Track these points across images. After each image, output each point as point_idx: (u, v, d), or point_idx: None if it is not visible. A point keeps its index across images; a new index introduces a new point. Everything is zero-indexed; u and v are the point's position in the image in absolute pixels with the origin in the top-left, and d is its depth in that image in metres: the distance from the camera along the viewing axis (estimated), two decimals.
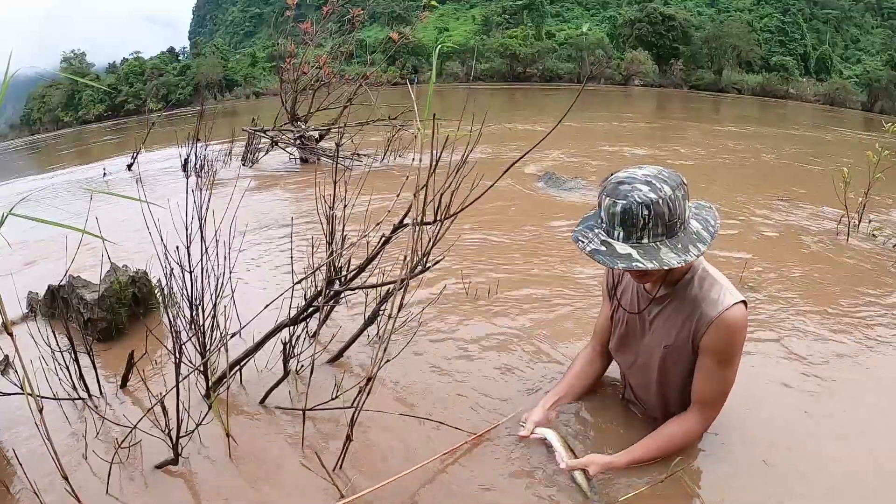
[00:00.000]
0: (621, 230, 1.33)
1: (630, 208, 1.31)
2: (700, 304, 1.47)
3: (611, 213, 1.34)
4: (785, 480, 1.62)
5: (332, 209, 2.05)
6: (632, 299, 1.68)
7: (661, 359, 1.59)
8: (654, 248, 1.32)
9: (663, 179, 1.34)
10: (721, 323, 1.43)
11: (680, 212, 1.35)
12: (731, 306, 1.43)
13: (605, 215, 1.35)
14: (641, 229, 1.31)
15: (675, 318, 1.53)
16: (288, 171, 6.88)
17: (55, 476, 1.37)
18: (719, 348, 1.46)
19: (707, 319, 1.45)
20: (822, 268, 3.38)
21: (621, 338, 1.74)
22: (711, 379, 1.51)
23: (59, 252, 1.87)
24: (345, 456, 1.62)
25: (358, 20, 6.97)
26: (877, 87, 34.45)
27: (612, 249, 1.33)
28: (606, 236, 1.36)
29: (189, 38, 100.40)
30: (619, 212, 1.32)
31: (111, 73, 51.65)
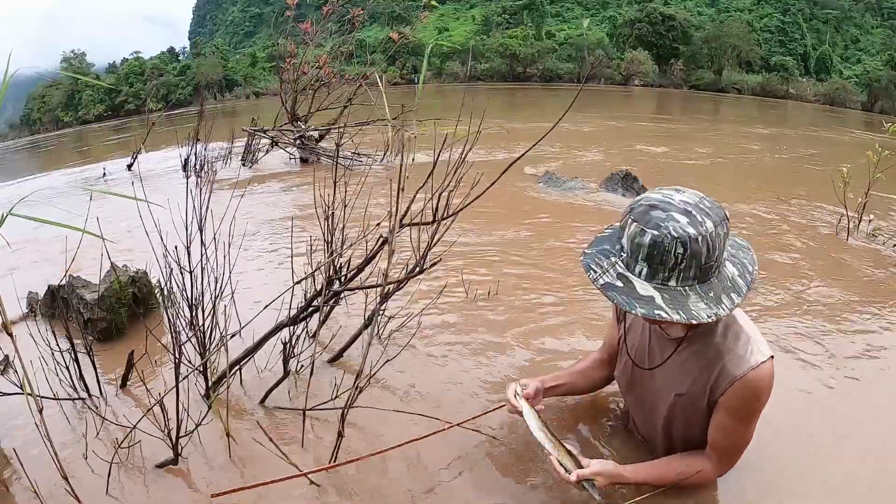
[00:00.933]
0: (645, 266, 1.10)
1: (661, 242, 1.07)
2: (723, 357, 1.25)
3: (636, 242, 1.10)
4: (785, 480, 1.61)
5: (332, 209, 2.05)
6: (642, 336, 1.48)
7: (669, 406, 1.40)
8: (682, 295, 1.10)
9: (705, 211, 1.10)
10: (746, 384, 1.22)
11: (718, 253, 1.12)
12: (759, 365, 1.22)
13: (629, 244, 1.12)
14: (671, 269, 1.09)
15: (692, 366, 1.32)
16: (288, 171, 6.88)
17: (55, 476, 1.37)
18: (739, 410, 1.27)
19: (729, 377, 1.23)
20: (821, 268, 3.38)
21: (626, 373, 1.56)
22: (729, 434, 1.34)
23: (59, 252, 1.87)
24: (338, 451, 1.62)
25: (358, 20, 6.97)
26: (877, 87, 34.49)
27: (630, 287, 1.11)
28: (626, 269, 1.13)
29: (189, 38, 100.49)
30: (646, 243, 1.08)
31: (111, 73, 51.71)
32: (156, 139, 8.98)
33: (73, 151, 15.91)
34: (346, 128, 6.09)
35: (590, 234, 4.36)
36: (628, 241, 1.12)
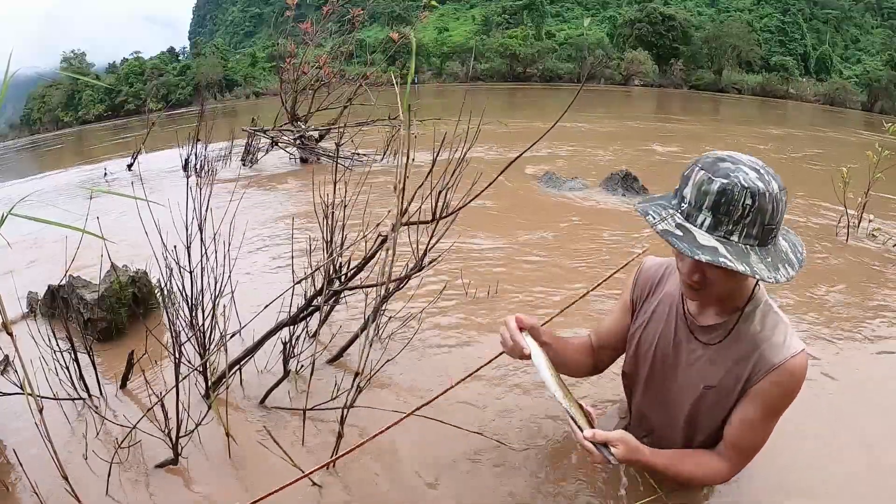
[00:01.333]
0: (710, 216, 1.04)
1: (731, 191, 1.02)
2: (760, 346, 1.21)
3: (702, 190, 1.04)
4: (788, 480, 1.62)
5: (332, 209, 2.05)
6: (666, 328, 1.38)
7: (696, 400, 1.32)
8: (744, 252, 1.04)
9: (771, 174, 1.07)
10: (783, 372, 1.18)
11: (779, 217, 1.08)
12: (797, 354, 1.19)
13: (694, 192, 1.05)
14: (735, 222, 1.03)
15: (726, 357, 1.26)
16: (288, 171, 6.88)
17: (55, 476, 1.37)
18: (772, 399, 1.21)
19: (767, 365, 1.19)
20: (821, 267, 3.38)
21: (642, 367, 1.46)
22: (753, 429, 1.26)
23: (60, 252, 1.87)
24: (337, 451, 1.62)
25: (358, 20, 6.97)
26: (877, 87, 34.49)
27: (690, 237, 1.04)
28: (685, 220, 1.07)
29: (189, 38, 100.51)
30: (714, 191, 1.02)
31: (111, 73, 51.73)
32: (156, 139, 8.98)
33: (73, 152, 15.92)
34: (345, 128, 6.09)
35: (589, 235, 4.38)
36: (693, 189, 1.06)
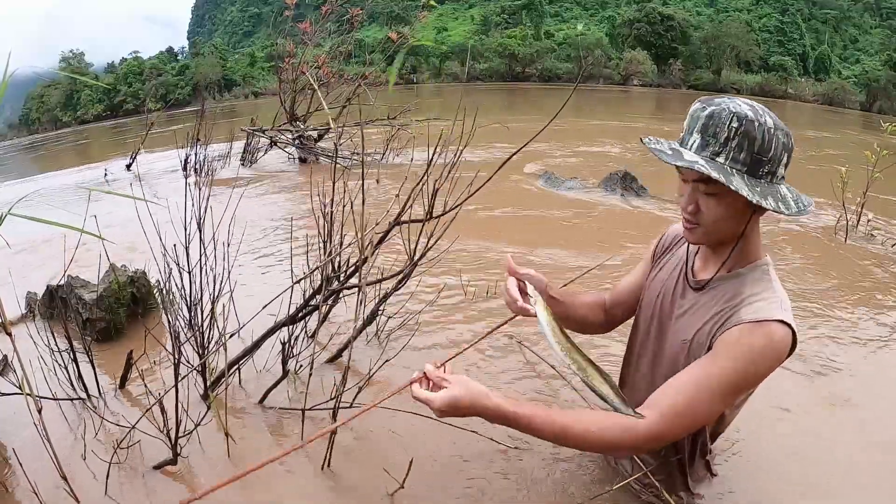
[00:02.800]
0: (698, 138, 1.10)
1: (719, 114, 1.07)
2: (740, 305, 1.15)
3: (694, 116, 1.12)
4: (783, 477, 1.62)
5: (331, 208, 2.05)
6: (669, 279, 1.37)
7: (674, 355, 1.27)
8: (727, 171, 1.06)
9: (769, 113, 1.10)
10: (754, 329, 1.09)
11: (772, 155, 1.08)
12: (775, 322, 1.09)
13: (687, 121, 1.14)
14: (722, 144, 1.07)
15: (706, 311, 1.21)
16: (287, 171, 6.88)
17: (54, 476, 1.37)
18: (730, 355, 1.09)
19: (736, 319, 1.12)
20: (821, 267, 3.39)
21: (647, 321, 1.42)
22: (696, 384, 1.10)
23: (58, 252, 1.87)
24: (332, 447, 1.63)
25: (357, 20, 6.97)
26: (875, 87, 34.59)
27: (678, 154, 1.11)
28: (679, 145, 1.15)
29: (188, 37, 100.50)
30: (703, 115, 1.10)
31: (110, 72, 51.69)
32: (155, 139, 8.97)
33: (72, 152, 15.90)
34: (344, 128, 6.09)
35: (589, 235, 4.38)
36: (688, 118, 1.14)
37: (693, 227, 1.19)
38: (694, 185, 1.13)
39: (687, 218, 1.18)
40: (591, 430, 1.10)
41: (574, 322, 1.53)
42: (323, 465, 1.63)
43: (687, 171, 1.12)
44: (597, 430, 1.10)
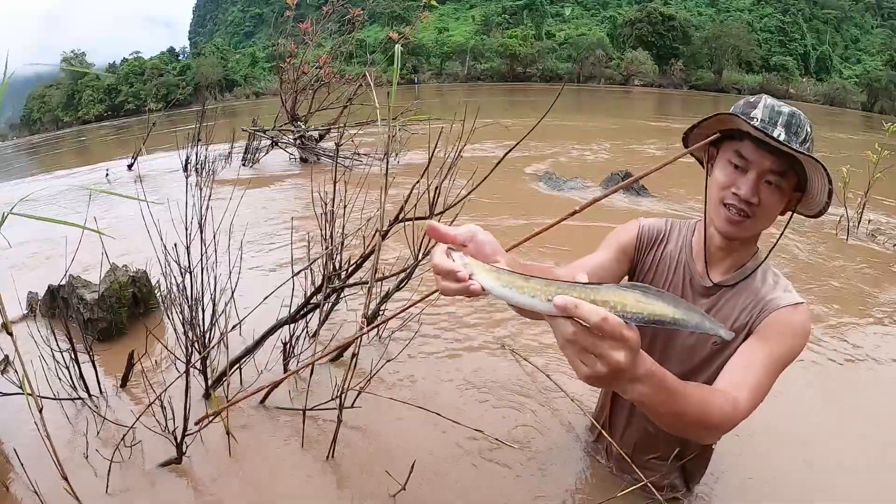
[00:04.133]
0: (783, 131, 1.09)
1: (798, 115, 1.11)
2: (765, 296, 1.21)
3: (776, 111, 1.11)
4: (782, 476, 1.62)
5: (332, 208, 2.05)
6: (674, 279, 1.34)
7: (705, 357, 1.27)
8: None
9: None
10: (786, 313, 1.16)
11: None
12: (801, 304, 1.18)
13: (767, 112, 1.11)
14: (802, 142, 1.10)
15: (731, 310, 1.23)
16: (288, 171, 6.88)
17: (55, 476, 1.37)
18: (775, 338, 1.14)
19: (771, 307, 1.18)
20: (821, 267, 3.38)
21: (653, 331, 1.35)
22: (754, 366, 1.09)
23: (59, 252, 1.87)
24: (336, 438, 1.63)
25: (358, 20, 6.97)
26: (877, 87, 34.54)
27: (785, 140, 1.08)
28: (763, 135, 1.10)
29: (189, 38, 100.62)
30: (786, 112, 1.11)
31: (111, 72, 51.69)
32: (156, 140, 8.98)
33: (73, 152, 15.91)
34: (345, 127, 6.09)
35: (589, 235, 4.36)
36: (766, 110, 1.11)
37: (743, 221, 1.15)
38: (763, 174, 1.11)
39: (743, 210, 1.14)
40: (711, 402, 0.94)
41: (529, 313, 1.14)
42: (328, 455, 1.63)
43: (762, 159, 1.10)
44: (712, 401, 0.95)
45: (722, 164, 1.17)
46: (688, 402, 0.85)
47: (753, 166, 1.11)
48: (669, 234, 1.39)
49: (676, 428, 0.92)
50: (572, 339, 0.61)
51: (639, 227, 1.39)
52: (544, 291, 0.63)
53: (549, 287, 0.63)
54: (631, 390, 0.71)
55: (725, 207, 1.15)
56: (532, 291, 0.64)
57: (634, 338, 0.61)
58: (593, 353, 0.61)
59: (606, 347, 0.61)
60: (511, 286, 0.67)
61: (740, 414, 1.01)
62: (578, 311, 0.59)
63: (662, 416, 0.83)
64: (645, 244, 1.39)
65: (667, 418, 0.85)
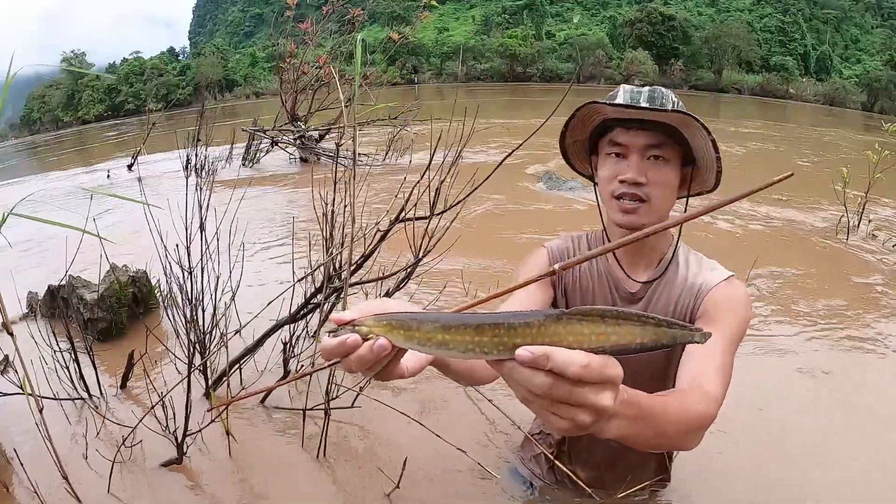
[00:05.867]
0: (648, 103, 1.06)
1: (659, 89, 1.08)
2: (695, 280, 1.15)
3: (636, 91, 1.08)
4: (782, 481, 1.62)
5: (332, 208, 2.05)
6: (599, 294, 1.25)
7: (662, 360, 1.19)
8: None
9: None
10: (724, 287, 1.12)
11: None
12: (732, 276, 1.14)
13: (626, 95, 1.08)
14: (672, 111, 1.05)
15: (665, 305, 1.17)
16: (288, 171, 6.88)
17: (55, 476, 1.37)
18: (722, 315, 1.08)
19: (707, 287, 1.13)
20: (822, 267, 3.38)
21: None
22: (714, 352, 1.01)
23: (59, 252, 1.87)
24: (326, 431, 1.64)
25: (358, 20, 6.97)
26: (877, 87, 34.56)
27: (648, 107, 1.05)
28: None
29: (189, 38, 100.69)
30: (646, 90, 1.07)
31: (111, 72, 51.70)
32: (156, 140, 8.98)
33: (73, 152, 15.92)
34: (345, 127, 6.09)
35: None
36: (625, 94, 1.08)
37: (639, 206, 1.08)
38: (643, 151, 1.06)
39: (635, 194, 1.08)
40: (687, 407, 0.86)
41: (458, 369, 0.88)
42: (318, 452, 1.63)
43: (636, 138, 1.06)
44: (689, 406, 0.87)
45: (602, 161, 1.13)
46: (668, 418, 0.76)
47: (631, 147, 1.07)
48: (578, 248, 1.29)
49: (661, 446, 0.83)
50: (545, 394, 0.48)
51: (547, 252, 1.28)
52: (489, 343, 0.48)
53: (486, 334, 0.48)
54: (607, 429, 0.60)
55: (618, 200, 1.09)
56: (465, 344, 0.49)
57: (620, 373, 0.51)
58: (571, 403, 0.49)
59: (588, 393, 0.49)
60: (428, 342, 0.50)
61: (716, 406, 0.94)
62: (554, 362, 0.47)
63: (645, 441, 0.74)
64: (562, 275, 1.26)
65: (649, 442, 0.75)
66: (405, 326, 0.51)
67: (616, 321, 0.47)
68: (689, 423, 0.82)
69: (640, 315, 0.47)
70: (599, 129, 1.13)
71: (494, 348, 0.48)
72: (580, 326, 0.47)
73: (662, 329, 0.47)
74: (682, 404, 0.84)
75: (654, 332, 0.47)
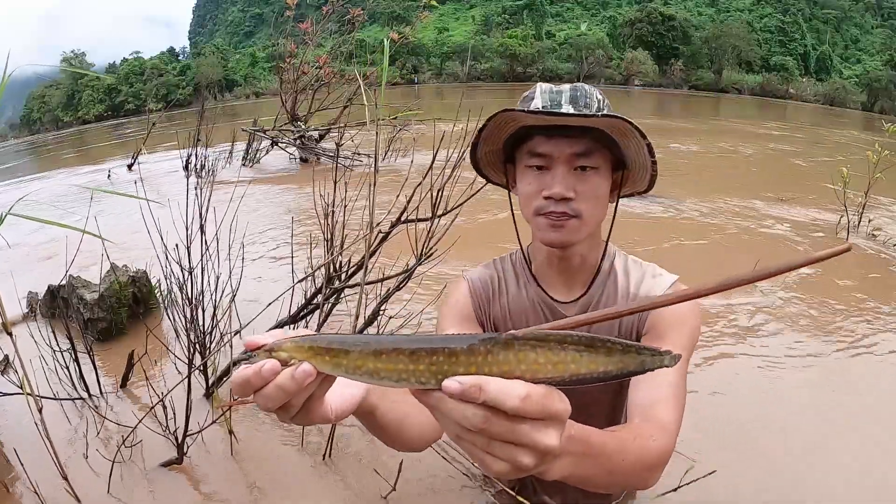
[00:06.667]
0: (571, 107, 0.94)
1: (582, 87, 0.97)
2: (638, 291, 1.05)
3: (555, 91, 0.96)
4: (779, 482, 1.62)
5: (332, 208, 2.05)
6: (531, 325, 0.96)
7: (614, 388, 1.09)
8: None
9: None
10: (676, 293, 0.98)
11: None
12: (676, 281, 1.04)
13: (544, 97, 0.96)
14: (598, 110, 0.94)
15: (609, 325, 1.04)
16: (288, 172, 6.89)
17: (55, 476, 1.37)
18: (671, 328, 0.98)
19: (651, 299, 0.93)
20: (822, 267, 3.38)
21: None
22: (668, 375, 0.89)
23: (60, 252, 1.87)
24: (332, 437, 1.64)
25: (358, 20, 6.97)
26: (877, 87, 34.58)
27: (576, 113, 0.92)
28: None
29: (189, 38, 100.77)
30: (567, 89, 0.96)
31: (111, 72, 51.75)
32: (156, 140, 8.98)
33: (73, 152, 15.92)
34: (345, 127, 6.09)
35: None
36: (543, 95, 0.96)
37: (565, 222, 0.96)
38: (570, 162, 0.93)
39: (563, 212, 0.95)
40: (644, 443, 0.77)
41: (389, 428, 0.79)
42: (324, 454, 1.63)
43: (560, 147, 0.93)
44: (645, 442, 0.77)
45: (521, 174, 0.99)
46: (623, 456, 0.68)
47: (555, 158, 0.93)
48: (503, 275, 1.16)
49: (614, 487, 0.73)
50: (480, 429, 0.40)
51: (468, 285, 1.14)
52: (425, 372, 0.41)
53: (422, 362, 0.41)
54: (553, 470, 0.51)
55: (543, 217, 0.96)
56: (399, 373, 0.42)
57: (566, 409, 0.43)
58: (511, 442, 0.41)
59: (530, 431, 0.41)
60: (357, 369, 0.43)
61: (673, 439, 0.85)
62: (488, 394, 0.39)
63: (596, 483, 0.66)
64: (483, 299, 1.14)
65: (601, 483, 0.66)
66: (331, 351, 0.45)
67: (577, 348, 0.40)
68: (645, 461, 0.73)
69: (607, 340, 0.40)
70: (516, 136, 0.99)
71: (432, 378, 0.41)
72: (534, 354, 0.40)
73: (630, 356, 0.40)
74: (637, 440, 0.74)
75: (621, 359, 0.40)
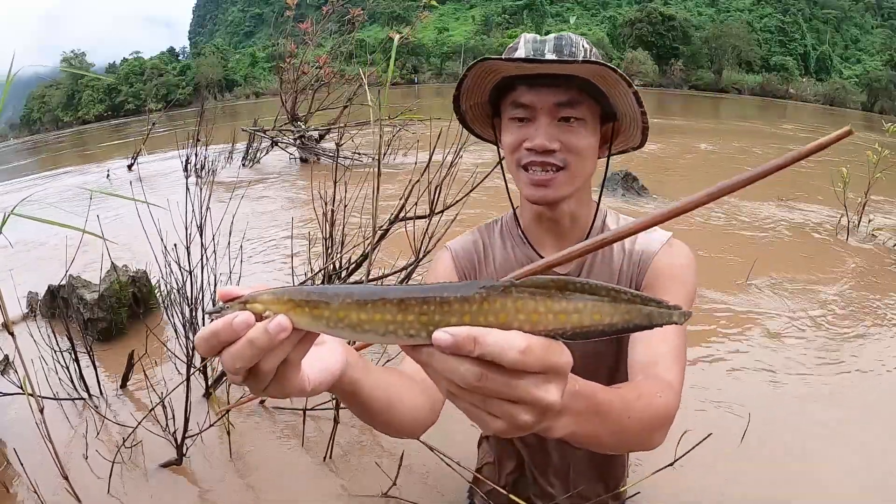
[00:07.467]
0: (555, 55, 0.89)
1: (567, 36, 0.92)
2: (634, 246, 1.00)
3: (539, 41, 0.91)
4: (777, 479, 1.62)
5: (332, 208, 2.05)
6: None
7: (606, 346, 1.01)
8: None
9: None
10: (667, 253, 0.97)
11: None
12: (670, 236, 0.99)
13: (528, 46, 0.91)
14: (584, 58, 0.89)
15: (608, 280, 0.93)
16: (288, 171, 6.89)
17: (55, 476, 1.37)
18: (671, 281, 0.95)
19: (648, 254, 0.98)
20: (822, 267, 3.38)
21: None
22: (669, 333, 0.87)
23: (60, 252, 1.87)
24: (333, 438, 1.64)
25: (358, 20, 6.97)
26: (876, 87, 34.59)
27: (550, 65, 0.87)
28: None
29: (189, 38, 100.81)
30: (552, 38, 0.91)
31: (111, 72, 51.77)
32: (156, 140, 8.99)
33: (73, 152, 15.93)
34: (345, 127, 6.09)
35: None
36: (527, 45, 0.91)
37: (551, 178, 0.90)
38: (554, 112, 0.88)
39: (547, 161, 0.90)
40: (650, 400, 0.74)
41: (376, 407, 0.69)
42: (326, 455, 1.63)
43: (543, 96, 0.88)
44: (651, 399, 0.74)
45: (505, 127, 0.94)
46: (629, 413, 0.64)
47: (538, 108, 0.88)
48: (489, 240, 1.12)
49: (620, 447, 0.71)
50: (473, 388, 0.37)
51: (451, 253, 1.11)
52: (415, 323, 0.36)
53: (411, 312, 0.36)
54: (555, 428, 0.48)
55: (526, 170, 0.91)
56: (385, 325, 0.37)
57: (568, 362, 0.38)
58: (510, 398, 0.38)
59: (529, 386, 0.37)
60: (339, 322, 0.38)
61: (677, 397, 0.81)
62: (484, 347, 0.35)
63: (600, 442, 0.62)
64: (466, 266, 1.10)
65: (606, 442, 0.63)
66: (311, 303, 0.39)
67: (581, 295, 0.36)
68: (652, 418, 0.70)
69: (612, 288, 0.36)
70: (500, 88, 0.94)
71: (423, 329, 0.36)
72: (534, 303, 0.36)
73: (637, 307, 0.36)
74: (643, 397, 0.71)
75: (627, 310, 0.36)
